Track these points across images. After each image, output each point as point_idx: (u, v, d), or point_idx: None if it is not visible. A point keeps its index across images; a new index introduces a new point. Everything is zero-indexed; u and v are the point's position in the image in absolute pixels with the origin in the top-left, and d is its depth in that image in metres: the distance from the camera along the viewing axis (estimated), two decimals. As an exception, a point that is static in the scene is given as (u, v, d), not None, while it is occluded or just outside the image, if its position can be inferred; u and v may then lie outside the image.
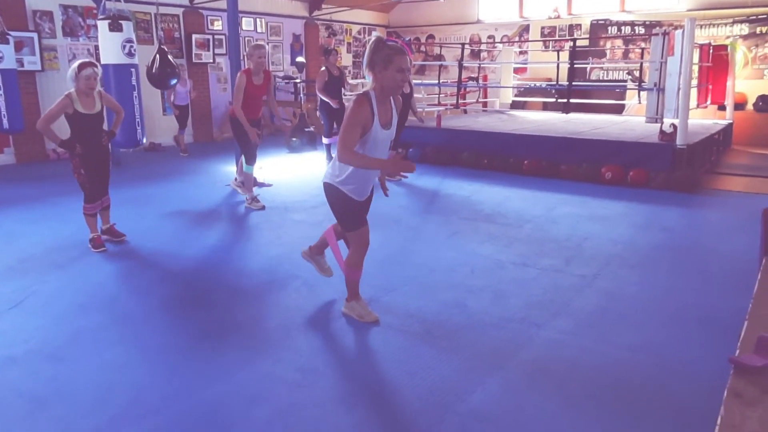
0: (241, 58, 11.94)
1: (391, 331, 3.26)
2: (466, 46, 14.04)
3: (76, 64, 4.38)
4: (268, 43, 12.60)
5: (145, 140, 6.39)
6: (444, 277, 4.09)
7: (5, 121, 7.56)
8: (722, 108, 10.12)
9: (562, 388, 2.68)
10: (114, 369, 2.85)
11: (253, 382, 2.73)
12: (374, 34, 11.00)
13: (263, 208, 5.99)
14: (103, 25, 5.59)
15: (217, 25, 11.52)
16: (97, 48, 7.95)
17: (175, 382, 2.73)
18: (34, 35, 8.93)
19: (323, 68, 7.97)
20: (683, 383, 2.71)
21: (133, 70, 5.72)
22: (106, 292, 3.84)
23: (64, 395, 2.62)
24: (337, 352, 3.04)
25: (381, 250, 4.44)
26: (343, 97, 8.20)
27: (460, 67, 10.47)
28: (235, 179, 6.77)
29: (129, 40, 5.67)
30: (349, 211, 3.18)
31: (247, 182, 6.12)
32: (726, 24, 10.97)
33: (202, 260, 4.52)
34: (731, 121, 9.90)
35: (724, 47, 9.87)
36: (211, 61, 11.51)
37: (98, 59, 5.72)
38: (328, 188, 3.20)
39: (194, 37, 11.13)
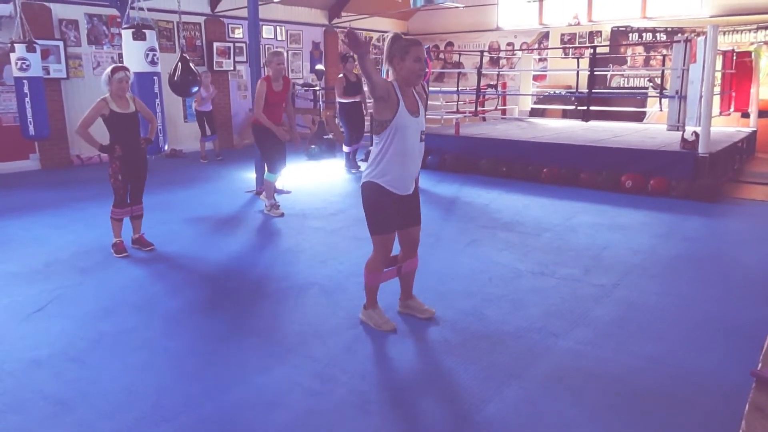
0: (262, 66, 12.15)
1: (408, 339, 3.27)
2: (486, 54, 14.05)
3: (109, 68, 4.57)
4: (287, 51, 12.73)
5: (166, 147, 6.50)
6: (462, 285, 4.09)
7: (31, 127, 7.73)
8: (746, 115, 9.97)
9: (580, 398, 2.67)
10: (136, 372, 2.90)
11: (272, 388, 2.76)
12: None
13: (282, 215, 6.03)
14: (127, 34, 5.70)
15: (238, 33, 11.66)
16: (120, 56, 8.10)
17: (195, 385, 2.77)
18: (60, 43, 9.13)
19: (341, 75, 8.03)
20: (703, 395, 2.68)
21: (155, 78, 5.82)
22: (128, 296, 3.91)
23: (88, 398, 2.67)
24: (354, 359, 3.05)
25: (399, 258, 4.44)
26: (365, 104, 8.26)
27: (479, 74, 10.46)
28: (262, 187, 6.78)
29: (152, 49, 5.78)
30: (381, 209, 3.17)
31: (268, 190, 6.17)
32: (750, 30, 10.82)
33: (223, 265, 4.57)
34: (755, 129, 9.75)
35: (748, 54, 9.73)
36: (232, 68, 11.65)
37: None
38: (366, 187, 3.20)
39: (215, 45, 11.29)
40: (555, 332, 3.33)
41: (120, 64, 4.75)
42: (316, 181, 8.07)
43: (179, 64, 7.43)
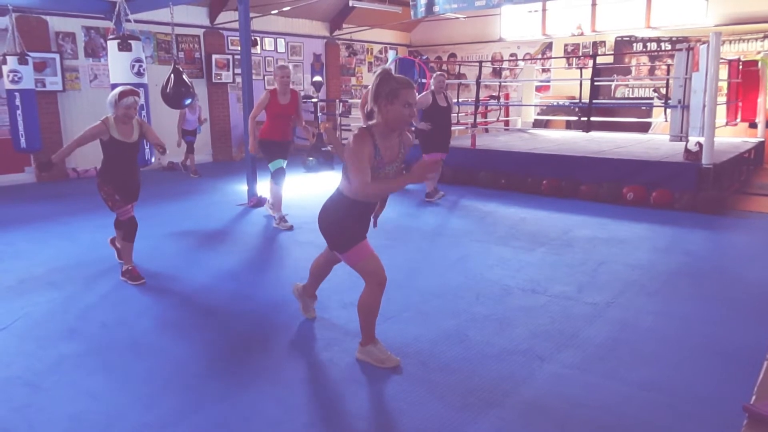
0: (261, 77, 12.08)
1: (383, 361, 3.07)
2: (489, 65, 13.90)
3: (117, 90, 4.18)
4: (288, 63, 12.66)
5: (153, 159, 6.37)
6: (447, 303, 3.89)
7: (23, 140, 7.65)
8: (753, 125, 9.73)
9: (562, 429, 2.46)
10: (90, 398, 2.73)
11: (230, 416, 2.57)
12: (390, 54, 10.82)
13: (291, 228, 5.90)
14: (112, 45, 5.60)
15: (238, 45, 11.59)
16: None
17: (148, 413, 2.59)
18: (56, 56, 9.09)
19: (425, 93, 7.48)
20: (696, 427, 2.46)
21: (141, 89, 5.70)
22: (97, 315, 3.74)
23: (33, 426, 2.50)
24: (321, 386, 2.86)
25: (383, 274, 4.25)
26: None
27: (478, 85, 10.32)
28: (268, 201, 6.59)
29: (138, 60, 5.68)
30: (347, 224, 2.91)
31: (274, 202, 6.04)
32: (756, 39, 10.60)
33: (199, 283, 4.40)
34: (763, 139, 9.50)
35: (755, 63, 9.51)
36: (231, 81, 11.57)
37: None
38: (329, 207, 2.96)
39: (214, 57, 11.23)
40: (541, 355, 3.13)
41: (129, 87, 4.30)
42: (312, 194, 7.90)
43: (172, 75, 7.33)
